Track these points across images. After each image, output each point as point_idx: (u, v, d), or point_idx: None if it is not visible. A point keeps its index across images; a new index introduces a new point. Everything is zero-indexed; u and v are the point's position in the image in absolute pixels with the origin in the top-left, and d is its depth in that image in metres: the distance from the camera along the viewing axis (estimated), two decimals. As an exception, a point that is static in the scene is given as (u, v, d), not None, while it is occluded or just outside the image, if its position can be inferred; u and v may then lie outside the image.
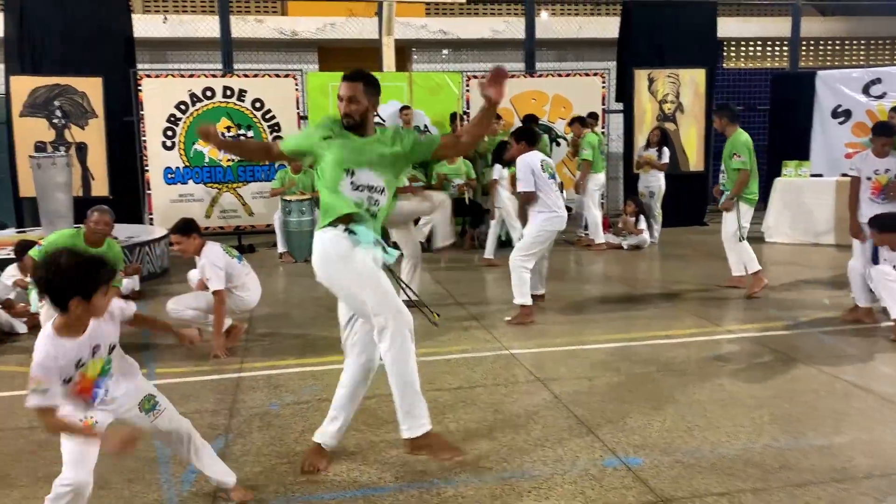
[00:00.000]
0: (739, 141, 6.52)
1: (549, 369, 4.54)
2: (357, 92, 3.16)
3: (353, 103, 3.17)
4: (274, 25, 12.66)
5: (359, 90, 3.16)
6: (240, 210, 9.78)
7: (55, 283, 2.39)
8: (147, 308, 6.46)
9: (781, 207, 9.36)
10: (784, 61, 14.07)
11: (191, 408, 4.00)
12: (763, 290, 6.45)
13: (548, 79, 10.58)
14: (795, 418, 3.70)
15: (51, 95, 9.48)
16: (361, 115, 3.19)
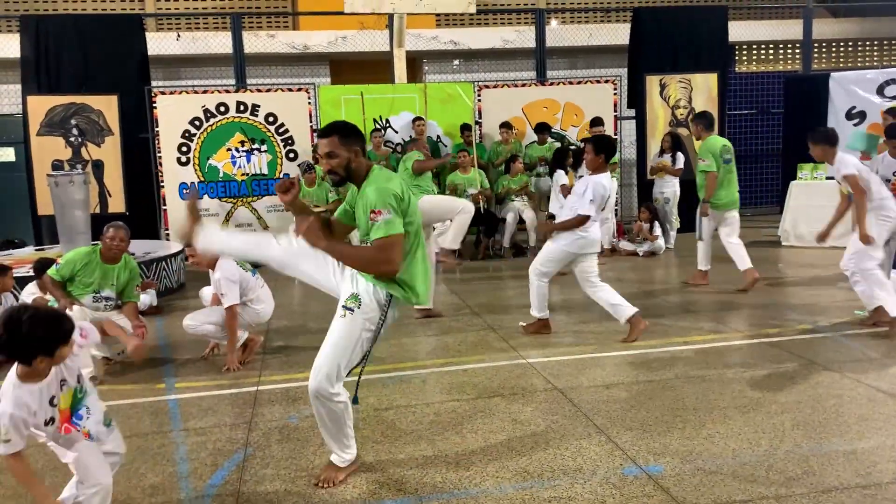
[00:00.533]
0: (705, 146, 6.80)
1: (566, 378, 4.52)
2: (334, 147, 3.06)
3: (333, 158, 3.07)
4: (286, 40, 12.74)
5: (335, 144, 3.06)
6: (255, 224, 9.83)
7: (18, 344, 2.45)
8: (164, 323, 6.50)
9: (797, 211, 9.28)
10: (797, 64, 13.98)
11: (209, 422, 4.02)
12: (701, 288, 6.88)
13: (559, 87, 10.58)
14: (818, 424, 3.66)
15: (67, 114, 9.60)
16: (345, 168, 3.09)
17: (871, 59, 15.21)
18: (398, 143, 10.01)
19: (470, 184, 9.23)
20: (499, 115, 10.01)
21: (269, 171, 9.83)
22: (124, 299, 5.18)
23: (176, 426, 3.97)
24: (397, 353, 5.26)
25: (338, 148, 3.05)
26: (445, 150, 10.04)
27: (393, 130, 10.00)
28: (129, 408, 4.30)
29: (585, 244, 5.32)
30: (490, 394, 4.29)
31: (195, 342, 5.41)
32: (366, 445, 3.60)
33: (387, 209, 2.96)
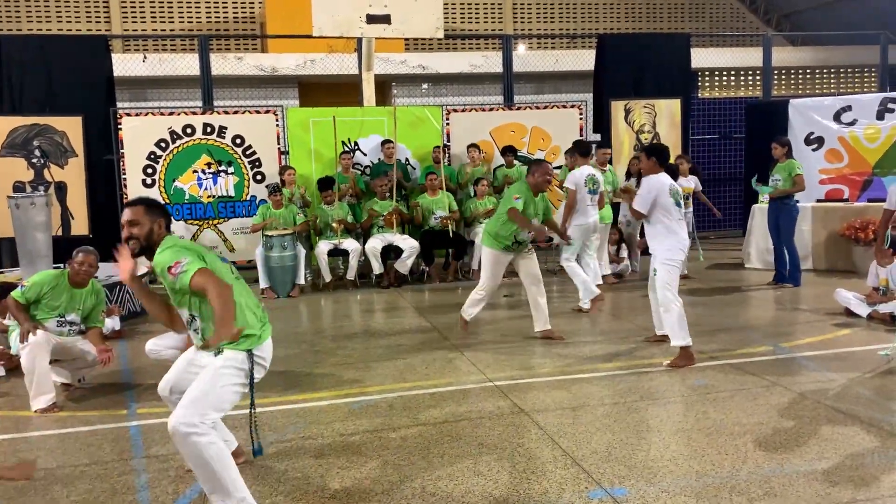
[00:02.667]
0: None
1: (533, 400, 4.53)
2: (138, 216, 3.20)
3: (134, 226, 3.20)
4: (254, 62, 12.76)
5: (139, 213, 3.21)
6: (221, 246, 9.74)
7: None
8: (127, 347, 6.39)
9: (759, 234, 9.47)
10: (758, 90, 14.34)
11: (172, 449, 3.94)
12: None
13: (526, 111, 10.70)
14: (780, 444, 3.71)
15: (30, 135, 9.45)
16: (146, 237, 3.22)
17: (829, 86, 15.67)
18: (367, 165, 10.02)
19: (438, 206, 9.27)
20: (467, 139, 10.08)
21: (235, 193, 9.76)
22: (89, 324, 5.11)
23: (137, 453, 3.90)
24: (364, 376, 5.23)
25: (142, 217, 3.20)
26: (414, 174, 10.08)
27: (362, 153, 10.01)
28: (89, 435, 4.21)
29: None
30: (457, 417, 4.29)
31: (159, 367, 5.31)
32: (331, 472, 3.57)
33: (181, 257, 3.06)
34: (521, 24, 15.36)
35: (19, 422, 4.51)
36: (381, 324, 7.08)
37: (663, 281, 5.29)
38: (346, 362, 5.63)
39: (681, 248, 5.37)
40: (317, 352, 6.04)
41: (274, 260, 8.56)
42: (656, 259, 5.36)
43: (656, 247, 5.39)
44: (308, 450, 3.87)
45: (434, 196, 9.32)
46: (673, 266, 5.31)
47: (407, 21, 9.75)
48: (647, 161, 5.53)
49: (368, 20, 9.62)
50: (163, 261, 3.08)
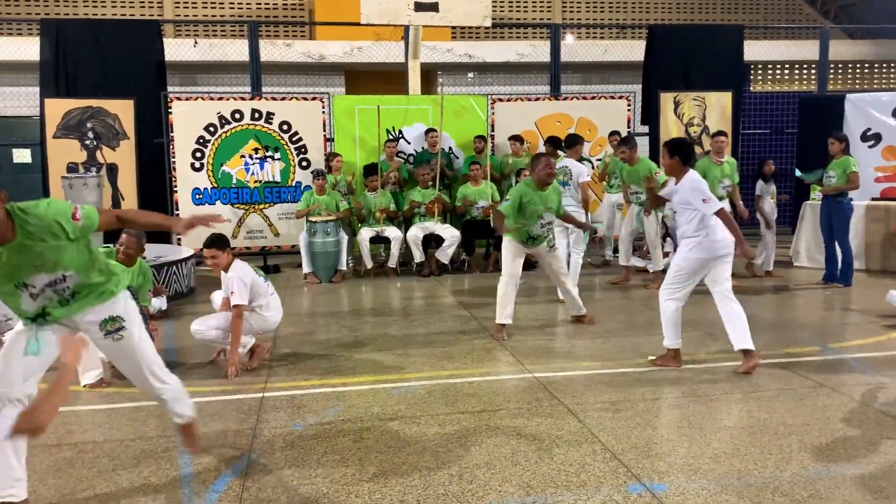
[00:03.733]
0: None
1: (573, 393, 4.50)
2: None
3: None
4: (302, 49, 12.85)
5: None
6: (266, 231, 9.87)
7: None
8: (173, 327, 6.52)
9: (810, 232, 9.24)
10: (812, 84, 13.96)
11: (215, 427, 4.02)
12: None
13: (573, 101, 10.59)
14: (826, 447, 3.62)
15: (83, 117, 9.68)
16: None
17: (888, 81, 15.18)
18: (410, 153, 10.04)
19: (481, 196, 9.24)
20: (511, 129, 10.02)
21: (281, 179, 9.87)
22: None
23: (181, 430, 3.97)
24: (403, 363, 5.25)
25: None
26: (458, 163, 10.06)
27: (406, 141, 10.02)
28: (134, 410, 4.31)
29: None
30: (495, 407, 4.28)
31: (203, 347, 5.43)
32: (369, 455, 3.59)
33: (74, 208, 2.90)
34: (570, 14, 15.18)
35: (69, 396, 4.64)
36: (420, 312, 7.09)
37: (666, 280, 5.05)
38: (385, 348, 5.66)
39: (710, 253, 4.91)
40: (357, 337, 6.08)
41: (317, 245, 8.64)
42: (679, 255, 5.04)
43: (680, 246, 5.11)
44: (347, 433, 3.90)
45: (477, 186, 9.29)
46: (691, 269, 4.92)
47: (454, 9, 9.72)
48: (670, 160, 4.99)
49: (416, 8, 9.60)
50: (63, 214, 2.86)
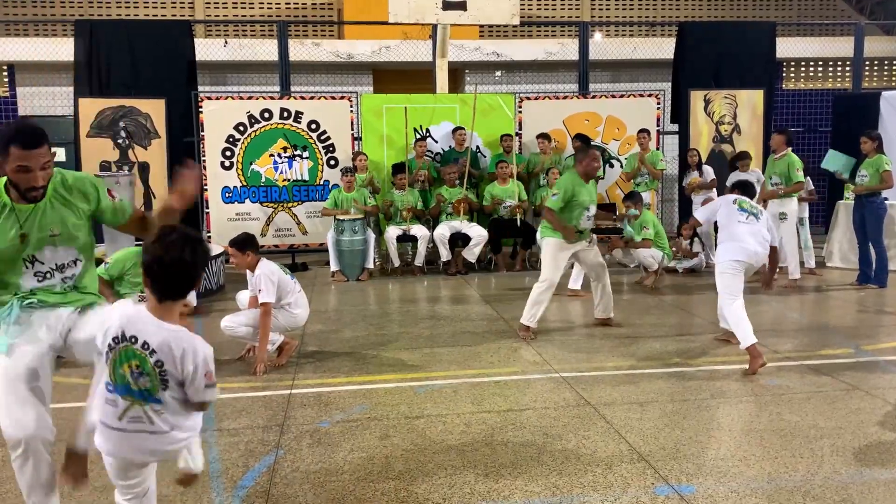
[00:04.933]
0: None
1: (600, 393, 4.47)
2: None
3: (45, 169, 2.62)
4: (330, 48, 12.91)
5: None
6: (294, 229, 9.94)
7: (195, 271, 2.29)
8: (202, 324, 6.60)
9: (843, 232, 9.08)
10: (846, 82, 13.71)
11: (243, 423, 4.06)
12: None
13: (601, 100, 10.52)
14: (859, 451, 3.56)
15: (116, 117, 9.83)
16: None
17: (925, 78, 14.84)
18: (437, 152, 10.05)
19: (508, 195, 9.22)
20: (539, 127, 9.98)
21: (309, 178, 9.94)
22: (167, 300, 5.27)
23: (209, 426, 4.02)
24: (429, 361, 5.26)
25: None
26: (484, 161, 10.05)
27: (433, 140, 10.03)
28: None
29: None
30: (521, 407, 4.27)
31: (232, 343, 5.48)
32: (395, 453, 3.60)
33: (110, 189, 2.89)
34: (599, 12, 15.08)
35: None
36: (447, 310, 7.10)
37: (721, 288, 5.18)
38: (411, 346, 5.68)
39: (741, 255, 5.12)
40: (384, 335, 6.10)
41: (344, 244, 8.68)
42: (717, 265, 5.25)
43: (718, 251, 5.32)
44: (373, 430, 3.92)
45: (504, 185, 9.27)
46: (727, 273, 5.13)
47: (483, 7, 9.70)
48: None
49: (444, 7, 9.61)
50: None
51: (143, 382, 2.23)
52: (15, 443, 2.57)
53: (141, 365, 2.22)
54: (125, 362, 2.23)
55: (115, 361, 2.25)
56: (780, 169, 7.91)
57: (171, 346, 2.21)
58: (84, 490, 2.88)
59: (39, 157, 2.57)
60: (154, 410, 2.26)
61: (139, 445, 2.29)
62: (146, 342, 2.22)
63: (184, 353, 2.22)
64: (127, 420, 2.26)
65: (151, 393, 2.24)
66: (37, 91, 12.31)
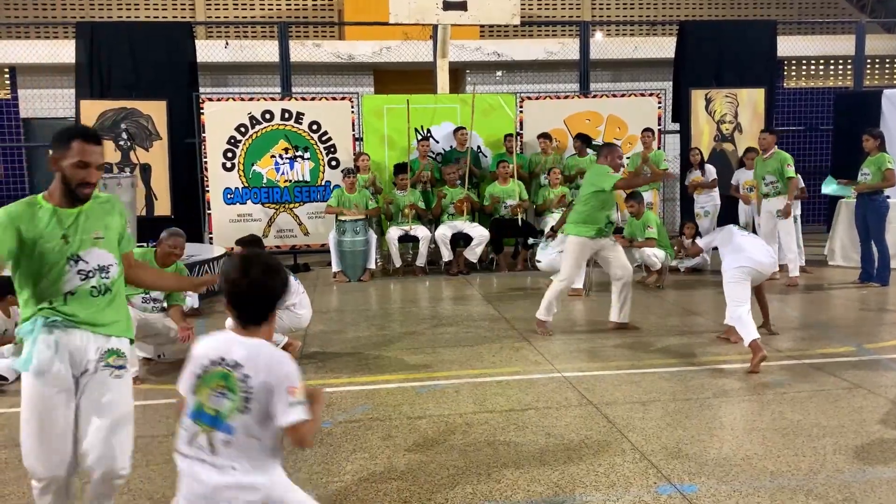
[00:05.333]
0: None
1: (602, 393, 4.47)
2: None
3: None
4: (331, 49, 12.92)
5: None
6: (296, 230, 9.95)
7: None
8: (205, 325, 6.60)
9: (846, 231, 9.07)
10: (848, 80, 13.69)
11: (245, 424, 4.07)
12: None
13: (602, 99, 10.52)
14: (862, 449, 3.56)
15: (118, 118, 9.85)
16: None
17: (926, 76, 14.82)
18: (438, 152, 10.05)
19: (509, 195, 9.22)
20: (541, 127, 9.99)
21: (311, 179, 9.95)
22: (171, 302, 5.29)
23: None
24: (431, 362, 5.26)
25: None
26: (485, 161, 10.05)
27: (434, 140, 10.04)
28: (168, 407, 4.37)
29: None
30: (523, 406, 4.27)
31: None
32: (398, 453, 3.61)
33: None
34: (600, 11, 15.06)
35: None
36: (449, 310, 7.10)
37: (728, 297, 5.19)
38: (413, 347, 5.68)
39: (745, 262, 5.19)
40: (385, 335, 6.11)
41: (346, 244, 8.69)
42: (724, 275, 5.28)
43: (724, 262, 5.36)
44: (376, 431, 3.92)
45: (505, 185, 9.27)
46: (732, 282, 5.16)
47: (483, 8, 9.71)
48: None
49: (444, 7, 9.61)
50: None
51: (220, 404, 2.10)
52: (39, 478, 2.59)
53: (225, 383, 2.11)
54: (207, 385, 2.13)
55: (197, 387, 2.15)
56: (772, 167, 7.94)
57: (256, 358, 2.12)
58: None
59: (98, 155, 2.65)
60: (220, 440, 2.10)
61: (195, 480, 2.11)
62: (234, 360, 2.14)
63: (269, 363, 2.12)
64: (194, 447, 2.13)
65: (224, 418, 2.09)
66: (38, 93, 12.33)
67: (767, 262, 5.28)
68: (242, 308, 2.19)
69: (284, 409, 2.07)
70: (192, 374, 2.17)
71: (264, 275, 2.18)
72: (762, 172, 8.05)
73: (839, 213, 9.24)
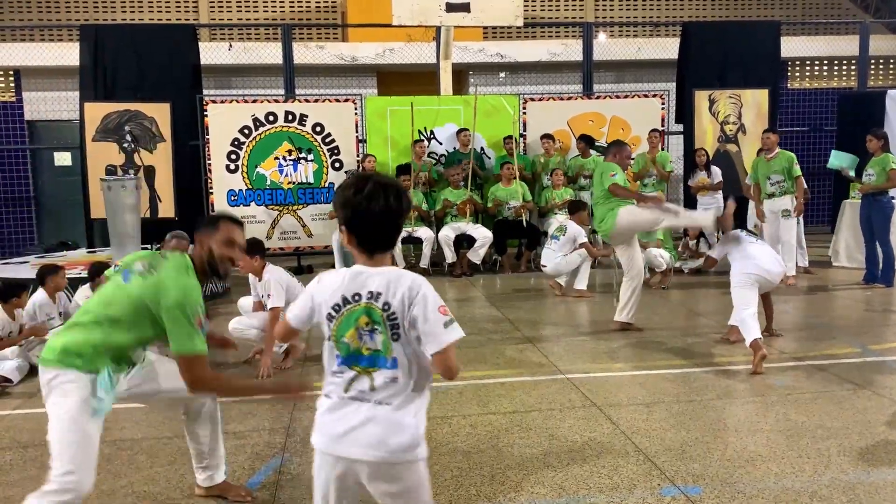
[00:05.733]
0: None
1: (606, 395, 4.47)
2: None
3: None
4: (334, 51, 12.93)
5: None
6: (299, 231, 9.96)
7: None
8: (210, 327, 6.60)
9: (850, 231, 9.05)
10: (852, 80, 13.67)
11: (249, 426, 4.07)
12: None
13: (606, 100, 10.51)
14: (866, 451, 3.55)
15: (122, 121, 9.87)
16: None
17: (931, 76, 14.78)
18: (441, 154, 10.06)
19: (512, 196, 9.22)
20: (544, 128, 9.98)
21: (314, 180, 9.95)
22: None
23: (216, 429, 4.02)
24: (436, 363, 5.25)
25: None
26: (489, 163, 10.05)
27: (437, 142, 10.04)
28: (171, 409, 4.38)
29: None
30: (527, 408, 4.26)
31: (242, 346, 5.47)
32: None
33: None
34: (603, 12, 15.06)
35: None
36: (452, 312, 7.06)
37: (735, 301, 5.22)
38: (417, 349, 5.67)
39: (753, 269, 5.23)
40: (389, 337, 6.09)
41: (349, 246, 8.68)
42: (732, 280, 5.31)
43: (732, 268, 5.39)
44: (379, 433, 3.92)
45: (508, 186, 9.27)
46: (739, 287, 5.21)
47: (486, 9, 9.71)
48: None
49: (448, 8, 9.62)
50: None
51: (374, 342, 2.01)
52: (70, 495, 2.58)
53: (369, 317, 2.01)
54: (351, 326, 2.02)
55: (338, 330, 2.04)
56: (779, 166, 7.94)
57: (395, 284, 2.01)
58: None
59: (242, 237, 2.95)
60: (385, 379, 2.00)
61: (362, 430, 1.99)
62: (370, 291, 2.02)
63: (409, 287, 2.01)
64: (353, 392, 2.02)
65: (383, 354, 2.01)
66: (43, 96, 12.35)
67: (776, 270, 5.31)
68: (373, 235, 2.06)
69: (439, 329, 1.99)
70: (323, 316, 2.06)
71: (395, 199, 2.04)
72: (767, 172, 8.04)
73: (843, 214, 9.22)
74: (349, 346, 2.02)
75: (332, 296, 2.06)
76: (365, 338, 2.01)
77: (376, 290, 2.01)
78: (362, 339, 2.01)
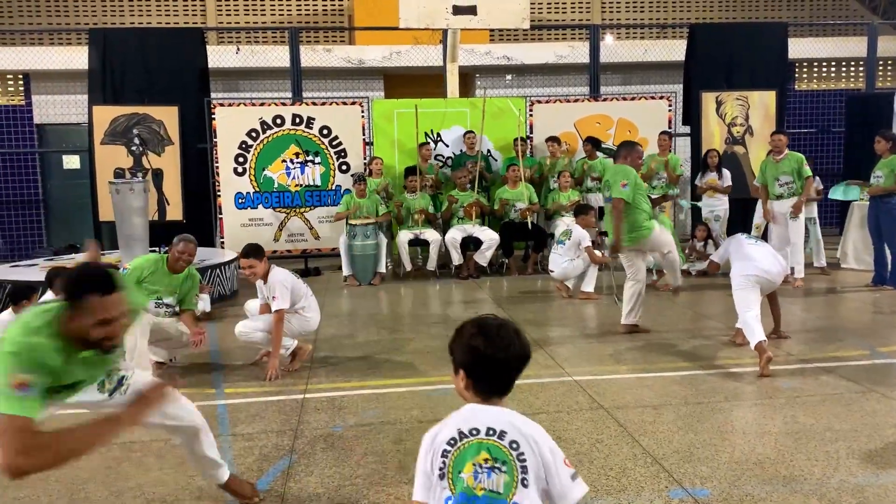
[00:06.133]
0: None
1: (613, 397, 4.47)
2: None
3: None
4: (342, 54, 12.96)
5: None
6: (307, 234, 9.99)
7: None
8: (216, 329, 6.64)
9: (858, 233, 9.02)
10: (860, 82, 13.62)
11: (257, 428, 4.09)
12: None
13: (613, 102, 10.51)
14: (875, 453, 3.54)
15: (130, 124, 9.92)
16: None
17: (939, 77, 14.71)
18: (448, 156, 10.07)
19: (518, 199, 9.22)
20: (550, 130, 9.99)
21: (321, 183, 9.98)
22: (183, 307, 5.32)
23: (224, 431, 4.05)
24: (442, 365, 5.26)
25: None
26: (496, 165, 10.06)
27: (444, 144, 10.06)
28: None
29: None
30: (534, 410, 4.26)
31: (246, 348, 5.51)
32: (408, 457, 3.61)
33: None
34: (609, 14, 15.06)
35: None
36: (459, 314, 7.10)
37: (736, 303, 5.24)
38: (424, 350, 5.69)
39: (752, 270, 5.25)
40: (396, 339, 6.12)
41: (356, 248, 8.72)
42: (732, 282, 5.33)
43: (732, 271, 5.41)
44: (387, 434, 3.93)
45: (514, 188, 9.28)
46: (740, 288, 5.22)
47: (493, 12, 9.71)
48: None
49: (454, 11, 9.62)
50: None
51: (492, 482, 1.82)
52: None
53: (492, 455, 1.83)
54: (469, 460, 1.85)
55: (454, 464, 1.87)
56: (789, 167, 7.91)
57: (519, 426, 1.87)
58: None
59: (119, 305, 2.39)
60: None
61: None
62: (491, 427, 1.87)
63: (533, 434, 1.86)
64: None
65: (503, 497, 1.81)
66: (52, 99, 12.43)
67: (776, 270, 5.29)
68: (498, 379, 1.95)
69: (566, 484, 1.85)
70: (436, 458, 1.91)
71: (523, 345, 1.93)
72: (775, 174, 8.02)
73: (852, 216, 9.19)
74: (464, 483, 1.84)
75: (450, 431, 1.94)
76: (482, 476, 1.83)
77: (500, 428, 1.87)
78: (478, 477, 1.83)
